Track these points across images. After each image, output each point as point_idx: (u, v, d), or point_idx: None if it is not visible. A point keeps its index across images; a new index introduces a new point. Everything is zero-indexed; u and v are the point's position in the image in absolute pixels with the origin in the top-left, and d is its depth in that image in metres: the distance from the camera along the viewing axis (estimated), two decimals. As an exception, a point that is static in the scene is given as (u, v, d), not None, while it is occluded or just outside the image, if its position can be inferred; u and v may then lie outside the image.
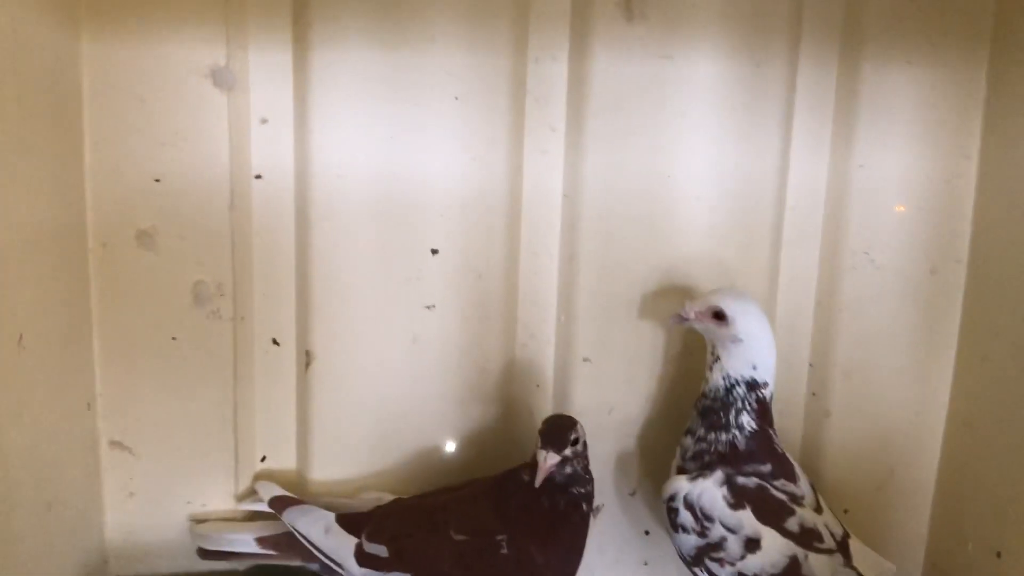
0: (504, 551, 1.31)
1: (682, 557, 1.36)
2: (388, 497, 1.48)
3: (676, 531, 1.34)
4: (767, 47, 1.49)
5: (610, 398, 1.55)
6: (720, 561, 1.30)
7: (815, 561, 1.28)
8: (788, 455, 1.38)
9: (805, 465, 1.62)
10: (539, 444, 1.28)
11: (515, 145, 1.49)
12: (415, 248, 1.49)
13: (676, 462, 1.42)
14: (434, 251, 1.49)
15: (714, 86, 1.49)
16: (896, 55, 1.52)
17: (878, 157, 1.53)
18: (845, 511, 1.62)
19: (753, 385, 1.35)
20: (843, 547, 1.33)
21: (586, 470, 1.34)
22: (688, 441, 1.39)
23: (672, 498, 1.34)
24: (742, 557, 1.28)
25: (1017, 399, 1.42)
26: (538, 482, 1.26)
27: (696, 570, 1.34)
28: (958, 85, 1.53)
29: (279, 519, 1.43)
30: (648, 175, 1.50)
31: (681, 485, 1.33)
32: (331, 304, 1.49)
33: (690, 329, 1.43)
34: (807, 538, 1.29)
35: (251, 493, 1.52)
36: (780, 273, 1.57)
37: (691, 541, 1.32)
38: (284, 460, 1.55)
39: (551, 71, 1.48)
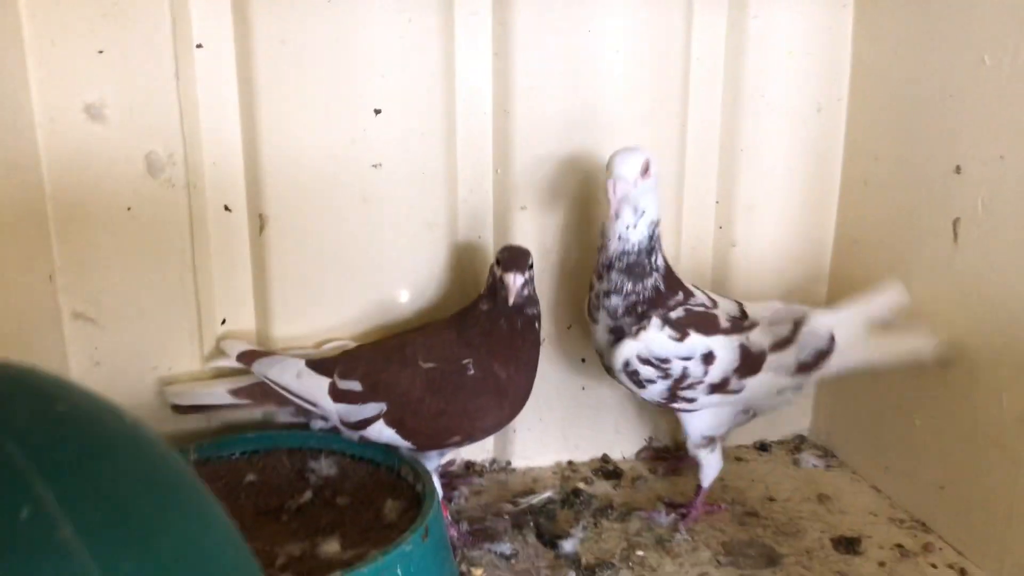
0: (471, 372, 1.45)
1: (655, 402, 1.52)
2: (352, 345, 1.59)
3: (642, 387, 1.48)
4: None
5: (547, 242, 1.70)
6: (690, 387, 1.47)
7: (753, 336, 1.49)
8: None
9: (716, 291, 1.83)
10: (503, 269, 1.42)
11: (446, 5, 1.58)
12: (359, 109, 1.57)
13: (606, 324, 1.49)
14: (377, 111, 1.57)
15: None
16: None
17: (770, 8, 1.71)
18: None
19: (657, 223, 1.46)
20: (745, 314, 1.55)
21: (534, 292, 1.50)
22: (615, 300, 1.46)
23: (627, 363, 1.46)
24: (705, 373, 1.46)
25: (893, 217, 1.65)
26: (512, 300, 1.40)
27: (672, 405, 1.51)
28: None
29: (249, 373, 1.52)
30: (572, 31, 1.62)
31: (629, 347, 1.45)
32: (281, 168, 1.55)
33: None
34: (737, 325, 1.49)
35: (218, 353, 1.59)
36: (688, 119, 1.74)
37: (659, 387, 1.47)
38: (244, 321, 1.62)
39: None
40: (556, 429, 1.81)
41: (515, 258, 1.44)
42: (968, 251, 1.46)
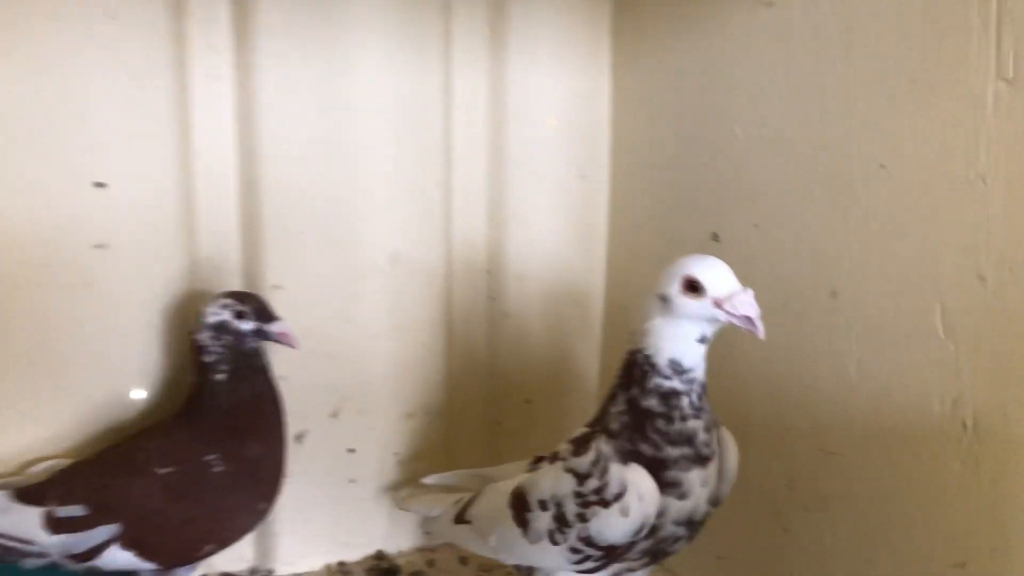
0: (217, 468, 1.29)
1: None
2: (66, 462, 1.37)
3: None
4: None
5: (304, 324, 1.55)
6: None
7: None
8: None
9: (489, 366, 1.76)
10: (263, 320, 1.34)
11: (180, 66, 1.42)
12: (77, 182, 1.38)
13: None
14: (99, 184, 1.38)
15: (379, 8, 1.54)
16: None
17: (529, 74, 1.68)
18: (527, 401, 1.79)
19: None
20: None
21: None
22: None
23: None
24: None
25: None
26: (297, 345, 1.36)
27: None
28: (589, 10, 1.71)
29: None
30: (326, 99, 1.52)
31: None
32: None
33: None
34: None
35: None
36: (453, 188, 1.66)
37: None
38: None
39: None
40: (323, 528, 1.64)
41: (264, 304, 1.36)
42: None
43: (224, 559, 1.58)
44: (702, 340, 1.13)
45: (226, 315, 1.33)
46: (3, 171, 1.32)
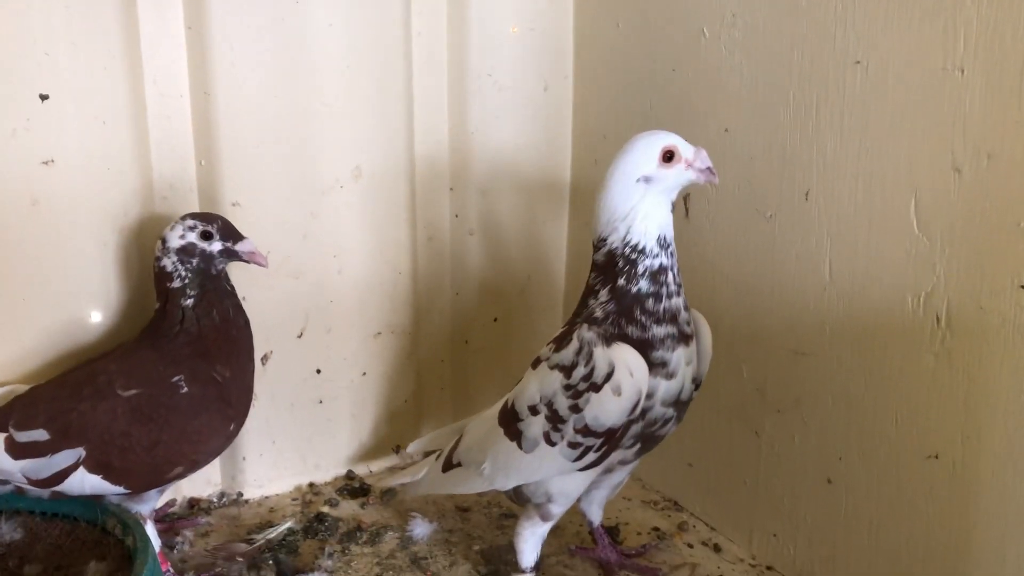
0: (184, 390, 1.26)
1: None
2: (23, 388, 1.32)
3: None
4: None
5: (265, 242, 1.49)
6: None
7: None
8: None
9: (456, 283, 1.74)
10: (231, 239, 1.30)
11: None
12: (19, 95, 1.29)
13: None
14: (43, 96, 1.30)
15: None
16: None
17: (491, -20, 1.62)
18: (495, 320, 1.77)
19: None
20: None
21: None
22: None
23: None
24: None
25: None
26: (266, 263, 1.33)
27: None
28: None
29: None
30: (281, 2, 1.44)
31: None
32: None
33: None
34: None
35: None
36: (415, 101, 1.61)
37: None
38: None
39: None
40: (292, 450, 1.62)
41: (229, 224, 1.32)
42: (700, 226, 1.46)
43: (192, 485, 1.55)
44: (673, 209, 1.18)
45: (192, 237, 1.29)
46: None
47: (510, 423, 1.23)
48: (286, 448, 1.62)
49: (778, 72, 1.29)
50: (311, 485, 1.65)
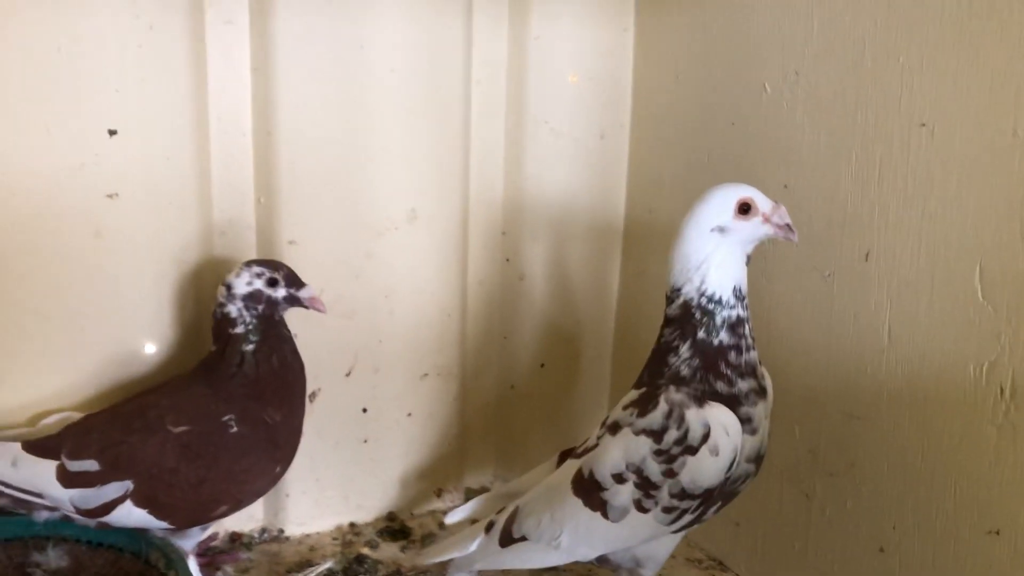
0: (234, 429, 1.27)
1: None
2: (76, 416, 1.34)
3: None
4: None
5: (319, 281, 1.51)
6: None
7: None
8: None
9: (504, 328, 1.74)
10: (294, 286, 1.32)
11: (195, 9, 1.38)
12: (89, 129, 1.34)
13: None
14: (112, 132, 1.34)
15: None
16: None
17: (551, 30, 1.63)
18: (542, 365, 1.76)
19: None
20: None
21: None
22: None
23: None
24: None
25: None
26: (325, 309, 1.35)
27: None
28: (615, -35, 1.68)
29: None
30: (343, 46, 1.47)
31: None
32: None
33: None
34: None
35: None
36: (472, 146, 1.63)
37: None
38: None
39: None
40: (335, 488, 1.62)
41: (293, 272, 1.34)
42: (756, 281, 1.43)
43: (235, 519, 1.55)
44: (748, 262, 1.17)
45: (259, 284, 1.30)
46: (17, 117, 1.28)
47: (591, 493, 1.19)
48: (329, 486, 1.62)
49: (840, 131, 1.27)
50: (352, 525, 1.64)
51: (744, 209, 1.14)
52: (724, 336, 1.15)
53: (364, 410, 1.61)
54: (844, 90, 1.26)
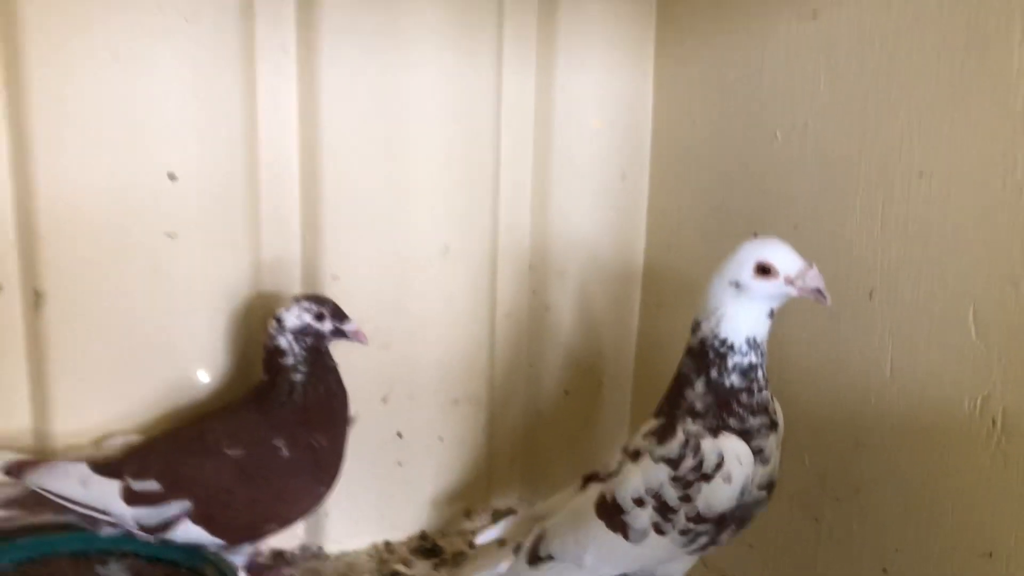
0: (284, 453, 1.36)
1: None
2: (136, 439, 1.45)
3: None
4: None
5: (359, 313, 1.61)
6: None
7: None
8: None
9: (531, 357, 1.83)
10: (338, 320, 1.41)
11: (247, 63, 1.49)
12: (151, 173, 1.45)
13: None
14: (171, 176, 1.46)
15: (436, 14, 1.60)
16: (585, -12, 1.73)
17: (576, 79, 1.74)
18: (566, 392, 1.85)
19: None
20: None
21: None
22: None
23: None
24: None
25: (691, 283, 1.70)
26: (367, 342, 1.44)
27: None
28: (634, 17, 1.78)
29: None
30: (382, 96, 1.58)
31: None
32: (61, 238, 1.41)
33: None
34: None
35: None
36: (501, 186, 1.73)
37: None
38: (17, 416, 1.45)
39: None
40: (371, 508, 1.72)
41: (338, 306, 1.43)
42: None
43: (277, 537, 1.65)
44: (771, 315, 1.23)
45: (308, 318, 1.40)
46: (84, 162, 1.40)
47: (612, 515, 1.27)
48: (366, 506, 1.71)
49: (846, 178, 1.36)
50: (387, 543, 1.74)
51: (763, 270, 1.18)
52: (735, 379, 1.22)
53: (399, 434, 1.71)
54: (849, 140, 1.36)
